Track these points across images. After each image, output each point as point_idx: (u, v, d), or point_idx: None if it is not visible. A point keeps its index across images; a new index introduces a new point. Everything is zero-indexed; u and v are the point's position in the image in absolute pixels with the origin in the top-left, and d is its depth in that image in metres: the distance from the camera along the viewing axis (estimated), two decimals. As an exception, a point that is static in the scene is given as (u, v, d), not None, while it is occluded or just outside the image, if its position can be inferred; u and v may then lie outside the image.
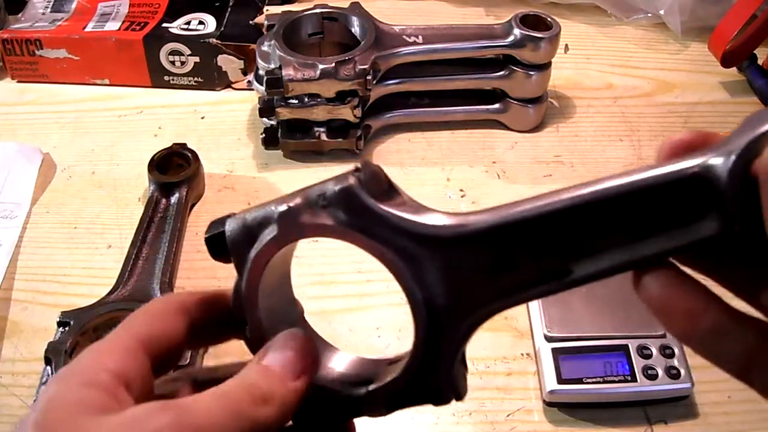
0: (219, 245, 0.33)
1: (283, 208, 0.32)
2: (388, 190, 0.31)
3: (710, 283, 0.29)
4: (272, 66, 0.72)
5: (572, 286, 0.29)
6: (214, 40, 0.83)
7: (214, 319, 0.35)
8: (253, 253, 0.32)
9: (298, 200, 0.32)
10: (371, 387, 0.33)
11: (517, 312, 0.62)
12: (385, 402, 0.33)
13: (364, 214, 0.30)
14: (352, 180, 0.30)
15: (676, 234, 0.27)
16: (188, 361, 0.55)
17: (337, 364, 0.35)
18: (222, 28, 0.85)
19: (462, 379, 0.33)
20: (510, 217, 0.29)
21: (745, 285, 0.29)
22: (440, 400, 0.32)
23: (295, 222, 0.31)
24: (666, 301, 0.28)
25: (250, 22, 0.86)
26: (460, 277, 0.30)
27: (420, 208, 0.31)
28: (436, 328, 0.31)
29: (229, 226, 0.33)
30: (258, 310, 0.33)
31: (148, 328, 0.32)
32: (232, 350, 0.61)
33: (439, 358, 0.31)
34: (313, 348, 0.33)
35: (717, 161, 0.26)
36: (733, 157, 0.26)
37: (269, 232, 0.32)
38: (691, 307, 0.27)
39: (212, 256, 0.34)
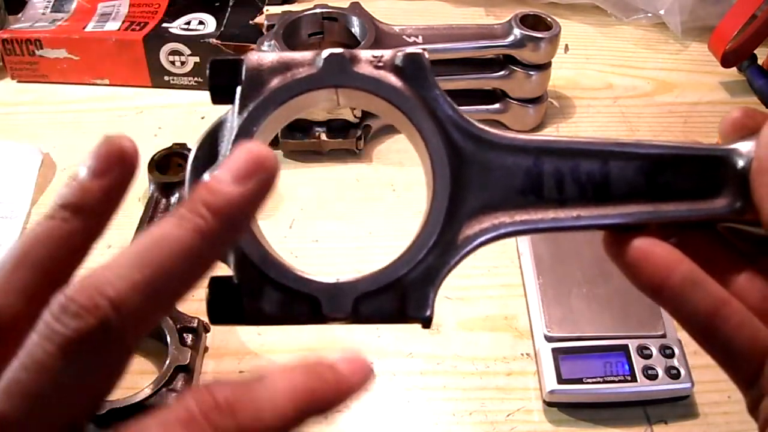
0: (229, 73, 0.30)
1: (335, 51, 0.30)
2: None
3: None
4: (272, 66, 0.72)
5: (585, 229, 0.31)
6: (214, 40, 0.83)
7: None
8: (276, 82, 0.30)
9: (343, 51, 0.30)
10: (341, 278, 0.29)
11: (517, 312, 0.62)
12: (353, 299, 0.29)
13: (423, 86, 0.30)
14: (421, 50, 0.30)
15: (694, 204, 0.31)
16: (187, 361, 0.55)
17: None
18: (222, 28, 0.85)
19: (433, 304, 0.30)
20: (552, 144, 0.31)
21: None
22: (406, 315, 0.29)
23: (344, 68, 0.30)
24: (646, 252, 0.30)
25: (250, 22, 0.86)
26: (489, 179, 0.31)
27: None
28: (451, 206, 0.30)
29: (252, 56, 0.30)
30: None
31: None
32: (231, 349, 0.61)
33: (438, 255, 0.30)
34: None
35: (743, 145, 0.31)
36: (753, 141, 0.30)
37: (306, 70, 0.30)
38: (669, 258, 0.30)
39: (211, 88, 0.30)
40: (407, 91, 0.30)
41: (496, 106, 0.80)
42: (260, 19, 0.84)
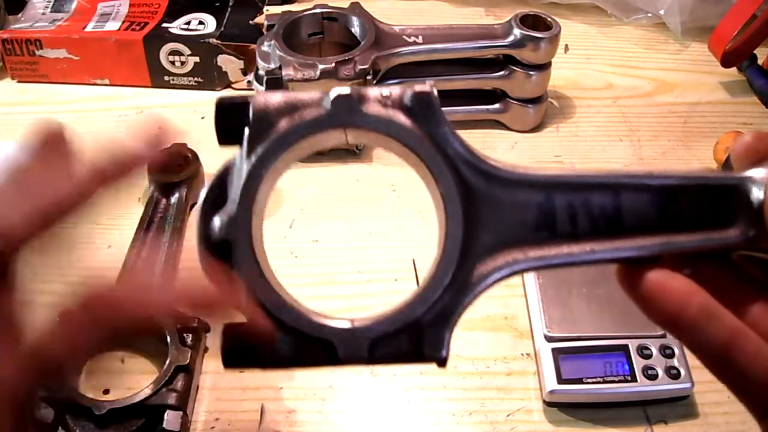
0: (236, 115, 0.30)
1: (343, 91, 0.30)
2: None
3: None
4: (272, 66, 0.72)
5: (599, 263, 0.31)
6: (214, 40, 0.83)
7: None
8: (283, 123, 0.30)
9: (351, 90, 0.30)
10: (356, 322, 0.29)
11: (517, 312, 0.62)
12: (368, 342, 0.29)
13: (432, 124, 0.30)
14: (429, 88, 0.30)
15: (707, 234, 0.30)
16: (187, 361, 0.55)
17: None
18: (222, 28, 0.85)
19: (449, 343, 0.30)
20: (562, 179, 0.31)
21: None
22: (422, 356, 0.29)
23: (352, 108, 0.29)
24: (661, 285, 0.30)
25: (250, 22, 0.86)
26: (501, 215, 0.30)
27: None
28: (464, 245, 0.29)
29: (259, 98, 0.30)
30: (254, 205, 0.30)
31: None
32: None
33: (452, 296, 0.29)
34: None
35: (756, 172, 0.30)
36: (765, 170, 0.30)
37: (314, 111, 0.30)
38: (684, 290, 0.29)
39: (218, 131, 0.31)
40: (416, 130, 0.30)
41: (496, 106, 0.80)
42: (260, 19, 0.84)
